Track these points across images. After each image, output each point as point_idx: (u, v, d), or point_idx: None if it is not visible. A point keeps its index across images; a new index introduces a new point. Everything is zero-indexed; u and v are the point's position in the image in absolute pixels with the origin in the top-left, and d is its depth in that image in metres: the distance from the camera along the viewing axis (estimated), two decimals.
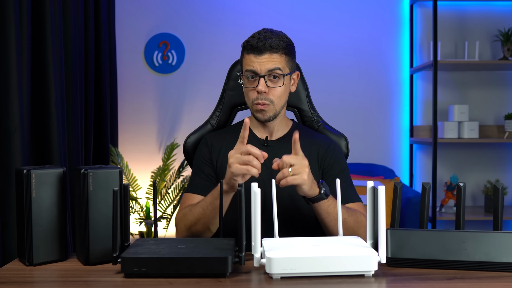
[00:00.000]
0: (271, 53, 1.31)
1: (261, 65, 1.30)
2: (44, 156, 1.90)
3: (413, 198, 2.60)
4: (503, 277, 0.96)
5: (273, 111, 1.34)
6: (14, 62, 1.67)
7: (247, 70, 1.33)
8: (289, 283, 0.93)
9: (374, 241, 1.03)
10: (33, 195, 1.03)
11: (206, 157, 1.41)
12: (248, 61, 1.32)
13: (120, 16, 3.00)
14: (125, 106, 3.06)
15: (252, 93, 1.34)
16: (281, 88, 1.33)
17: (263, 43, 1.30)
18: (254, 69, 1.31)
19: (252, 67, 1.31)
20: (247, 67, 1.33)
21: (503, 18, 3.08)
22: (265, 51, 1.30)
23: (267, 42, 1.30)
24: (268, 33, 1.33)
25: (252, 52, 1.31)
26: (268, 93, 1.32)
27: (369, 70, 3.12)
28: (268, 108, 1.33)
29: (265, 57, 1.30)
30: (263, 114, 1.34)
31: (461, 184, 1.06)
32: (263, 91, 1.31)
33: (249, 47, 1.32)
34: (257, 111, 1.34)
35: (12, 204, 1.65)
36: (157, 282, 0.93)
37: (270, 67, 1.30)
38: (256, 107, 1.34)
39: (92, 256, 1.04)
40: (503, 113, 3.08)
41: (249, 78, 1.34)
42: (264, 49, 1.30)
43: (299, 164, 1.16)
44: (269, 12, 3.07)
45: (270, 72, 1.31)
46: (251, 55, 1.32)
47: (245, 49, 1.34)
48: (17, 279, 0.97)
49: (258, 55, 1.31)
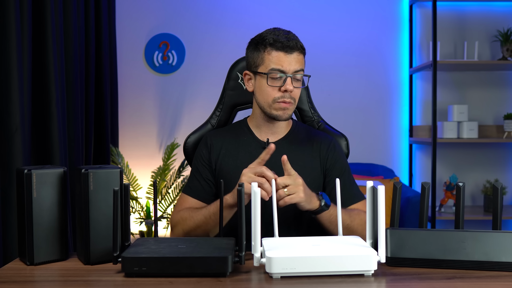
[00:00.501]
0: (299, 53, 1.30)
1: (290, 64, 1.29)
2: (45, 156, 1.90)
3: (412, 198, 2.61)
4: (502, 277, 0.96)
5: (292, 110, 1.35)
6: (15, 62, 1.67)
7: (274, 68, 1.29)
8: (289, 282, 0.93)
9: (374, 241, 1.04)
10: (34, 195, 1.03)
11: (205, 158, 1.40)
12: (276, 59, 1.29)
13: (121, 17, 3.00)
14: (125, 106, 3.06)
15: (275, 91, 1.30)
16: (301, 89, 1.35)
17: (294, 43, 1.29)
18: (283, 68, 1.29)
19: (281, 66, 1.29)
20: (274, 66, 1.29)
21: (502, 18, 3.08)
22: (295, 50, 1.29)
23: (298, 42, 1.30)
24: (291, 32, 1.32)
25: (282, 50, 1.29)
26: (291, 93, 1.31)
27: (369, 70, 3.12)
28: (291, 107, 1.32)
29: (294, 56, 1.29)
30: (284, 112, 1.32)
31: (460, 184, 1.06)
32: (291, 90, 1.29)
33: (278, 45, 1.29)
34: (279, 109, 1.31)
35: (13, 204, 1.65)
36: (157, 282, 0.93)
37: (297, 68, 1.30)
38: (280, 105, 1.31)
39: (93, 255, 1.04)
40: (502, 113, 3.09)
41: (273, 76, 1.30)
42: (295, 48, 1.29)
43: (293, 183, 1.18)
44: (269, 13, 3.07)
45: (296, 72, 1.30)
46: (281, 52, 1.29)
47: (272, 46, 1.29)
48: (18, 279, 0.97)
49: (288, 53, 1.29)
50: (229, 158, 1.38)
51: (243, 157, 1.36)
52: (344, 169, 1.40)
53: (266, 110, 1.34)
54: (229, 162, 1.37)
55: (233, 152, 1.38)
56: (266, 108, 1.33)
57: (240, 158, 1.36)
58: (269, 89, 1.31)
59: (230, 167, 1.36)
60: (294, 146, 1.39)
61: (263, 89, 1.32)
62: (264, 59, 1.31)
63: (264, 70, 1.31)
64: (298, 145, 1.39)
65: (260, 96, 1.34)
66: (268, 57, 1.30)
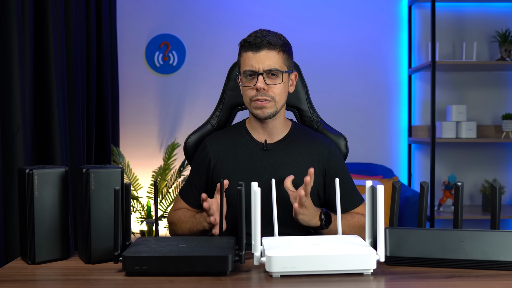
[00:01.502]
0: (268, 49, 1.29)
1: (259, 62, 1.29)
2: (46, 155, 1.90)
3: (411, 197, 2.62)
4: (501, 276, 0.96)
5: (273, 108, 1.32)
6: (17, 62, 1.68)
7: (245, 70, 1.31)
8: (288, 281, 0.94)
9: (373, 240, 1.04)
10: (36, 194, 1.04)
11: (201, 165, 1.41)
12: (246, 59, 1.31)
13: (122, 17, 3.01)
14: (126, 106, 3.07)
15: (250, 91, 1.32)
16: (280, 85, 1.32)
17: (260, 40, 1.29)
18: (252, 68, 1.30)
19: (251, 66, 1.30)
20: (245, 67, 1.31)
21: (500, 19, 3.09)
22: (263, 47, 1.29)
23: (265, 39, 1.29)
24: (265, 31, 1.33)
25: (249, 49, 1.30)
26: (267, 91, 1.30)
27: (368, 70, 3.13)
28: (268, 105, 1.31)
29: (263, 54, 1.29)
30: (262, 111, 1.31)
31: (459, 183, 1.07)
32: (262, 88, 1.29)
33: (246, 45, 1.31)
34: (256, 108, 1.32)
35: (14, 203, 1.66)
36: (158, 281, 0.93)
37: (268, 64, 1.29)
38: (255, 104, 1.31)
39: (94, 254, 1.05)
40: (500, 113, 3.10)
41: (247, 77, 1.32)
42: (261, 45, 1.29)
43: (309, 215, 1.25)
44: (269, 13, 3.08)
45: (268, 69, 1.29)
46: (249, 52, 1.30)
47: (243, 47, 1.32)
48: (19, 278, 0.97)
49: (255, 52, 1.29)
50: (227, 161, 1.38)
51: (241, 159, 1.37)
52: (344, 174, 1.40)
53: (249, 110, 1.36)
54: (228, 164, 1.38)
55: (231, 154, 1.39)
56: (248, 108, 1.36)
57: (238, 159, 1.37)
58: (245, 90, 1.33)
59: (229, 169, 1.37)
60: (293, 148, 1.38)
61: (242, 91, 1.35)
62: (240, 62, 1.35)
63: (241, 72, 1.34)
64: (297, 148, 1.38)
65: (243, 97, 1.37)
66: (241, 59, 1.33)
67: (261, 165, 1.36)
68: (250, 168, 1.35)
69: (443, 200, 2.93)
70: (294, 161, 1.36)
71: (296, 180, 1.33)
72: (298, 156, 1.37)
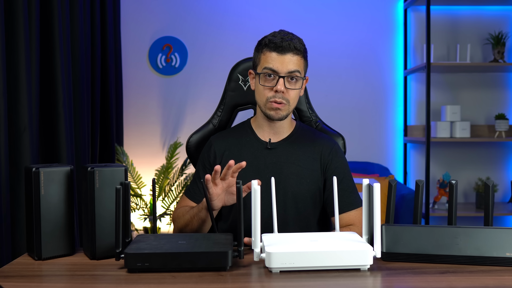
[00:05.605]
0: (293, 54, 1.29)
1: (283, 65, 1.29)
2: (52, 154, 1.92)
3: (407, 195, 2.63)
4: (494, 271, 0.98)
5: (286, 111, 1.33)
6: (24, 64, 1.70)
7: (267, 67, 1.30)
8: (287, 276, 0.95)
9: (370, 237, 1.05)
10: (42, 192, 1.06)
11: (207, 163, 1.42)
12: (269, 59, 1.30)
13: (125, 20, 3.05)
14: (130, 107, 3.10)
15: (268, 91, 1.31)
16: (297, 90, 1.33)
17: (287, 43, 1.28)
18: (275, 68, 1.29)
19: (273, 65, 1.29)
20: (267, 65, 1.30)
21: (493, 22, 3.12)
22: (289, 51, 1.29)
23: (292, 43, 1.29)
24: (290, 34, 1.32)
25: (275, 50, 1.29)
26: (285, 94, 1.30)
27: (365, 72, 3.16)
28: (283, 108, 1.32)
29: (288, 57, 1.29)
30: (277, 113, 1.32)
31: (453, 181, 1.08)
32: (282, 91, 1.29)
33: (272, 45, 1.29)
34: (272, 109, 1.32)
35: (21, 201, 1.67)
36: (160, 276, 0.95)
37: (291, 68, 1.29)
38: (271, 105, 1.31)
39: (98, 251, 1.06)
40: (493, 113, 3.14)
41: (266, 76, 1.31)
42: (288, 49, 1.28)
43: None
44: (269, 16, 3.11)
45: (290, 73, 1.29)
46: (273, 53, 1.29)
47: (267, 46, 1.30)
48: (26, 273, 0.99)
49: (281, 54, 1.29)
50: (231, 159, 1.39)
51: (246, 157, 1.38)
52: (344, 174, 1.39)
53: (262, 109, 1.35)
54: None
55: (236, 152, 1.40)
56: (262, 107, 1.35)
57: (243, 158, 1.38)
58: (262, 89, 1.32)
59: None
60: (296, 147, 1.39)
61: (258, 88, 1.34)
62: (260, 59, 1.33)
63: (259, 70, 1.33)
64: (300, 147, 1.39)
65: (256, 95, 1.36)
66: (263, 57, 1.32)
67: (265, 164, 1.37)
68: (254, 166, 1.36)
69: (437, 197, 2.96)
70: (296, 159, 1.37)
71: (296, 178, 1.35)
72: (301, 155, 1.38)
